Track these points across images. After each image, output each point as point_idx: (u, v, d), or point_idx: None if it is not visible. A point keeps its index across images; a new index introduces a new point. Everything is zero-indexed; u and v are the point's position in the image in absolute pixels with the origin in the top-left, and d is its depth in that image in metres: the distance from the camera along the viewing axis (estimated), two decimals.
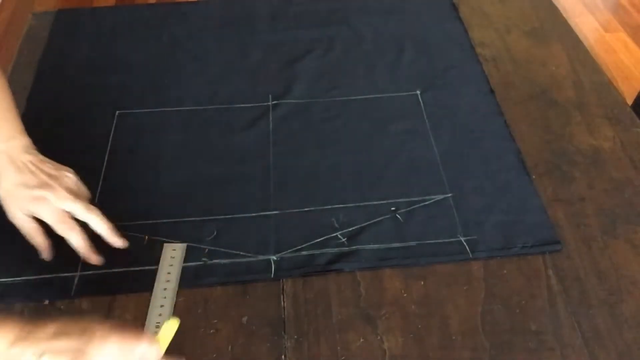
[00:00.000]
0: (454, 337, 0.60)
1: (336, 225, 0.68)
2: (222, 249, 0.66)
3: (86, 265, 0.63)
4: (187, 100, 0.84)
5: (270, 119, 0.81)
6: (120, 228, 0.66)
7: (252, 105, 0.83)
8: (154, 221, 0.68)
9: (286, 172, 0.74)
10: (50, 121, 0.80)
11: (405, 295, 0.63)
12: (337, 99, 0.84)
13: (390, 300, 0.62)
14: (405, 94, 0.85)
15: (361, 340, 0.59)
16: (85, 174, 0.72)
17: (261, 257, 0.65)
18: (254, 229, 0.68)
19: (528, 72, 0.89)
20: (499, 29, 0.97)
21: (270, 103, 0.83)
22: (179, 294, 0.63)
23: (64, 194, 0.62)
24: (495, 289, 0.64)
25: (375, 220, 0.69)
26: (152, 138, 0.78)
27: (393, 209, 0.70)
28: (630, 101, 0.94)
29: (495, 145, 0.78)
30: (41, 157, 0.65)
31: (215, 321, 0.60)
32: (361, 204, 0.71)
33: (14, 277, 0.63)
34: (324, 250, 0.66)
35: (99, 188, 0.72)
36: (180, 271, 0.63)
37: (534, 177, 0.74)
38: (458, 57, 0.92)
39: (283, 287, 0.64)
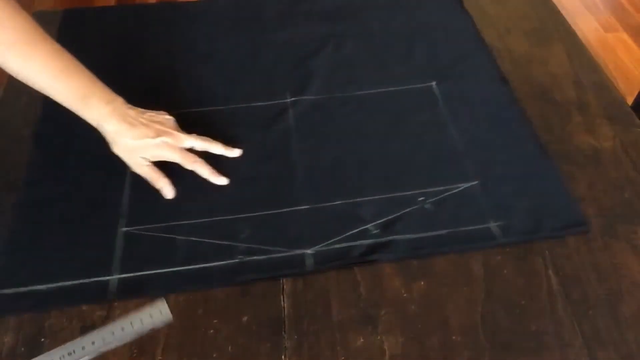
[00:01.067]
0: (454, 337, 0.60)
1: (367, 217, 0.69)
2: (257, 246, 0.66)
3: (123, 268, 0.64)
4: (205, 101, 0.83)
5: (290, 116, 0.81)
6: (152, 230, 0.67)
7: (270, 103, 0.83)
8: (186, 222, 0.68)
9: (312, 167, 0.75)
10: (65, 127, 0.78)
11: (405, 295, 0.63)
12: (354, 93, 0.85)
13: (390, 300, 0.62)
14: (420, 85, 0.86)
15: (361, 340, 0.59)
16: (109, 179, 0.72)
17: (297, 252, 0.66)
18: (286, 224, 0.68)
19: (528, 72, 0.89)
20: (499, 29, 0.97)
21: (288, 100, 0.83)
22: (179, 293, 0.63)
23: (178, 134, 0.71)
24: (495, 289, 0.64)
25: (405, 210, 0.70)
26: None
27: (421, 199, 0.71)
28: (630, 101, 0.94)
29: (514, 131, 0.79)
30: (140, 109, 0.72)
31: (215, 321, 0.60)
32: (389, 195, 0.71)
33: (49, 284, 0.62)
34: (358, 243, 0.67)
35: (126, 192, 0.71)
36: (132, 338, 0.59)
37: None
38: (467, 48, 0.93)
39: (283, 287, 0.64)
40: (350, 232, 0.67)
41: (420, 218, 0.69)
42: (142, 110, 0.71)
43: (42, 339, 0.59)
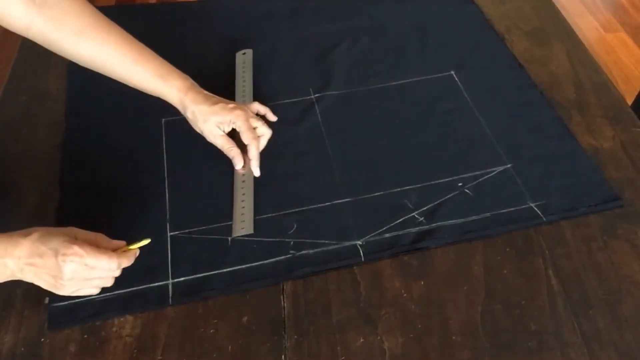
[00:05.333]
0: (454, 337, 0.60)
1: (410, 206, 0.70)
2: (307, 240, 0.67)
3: (177, 272, 0.64)
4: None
5: (317, 111, 0.82)
6: (198, 232, 0.67)
7: (295, 100, 0.84)
8: (231, 222, 0.68)
9: (347, 160, 0.76)
10: (92, 134, 0.78)
11: (405, 295, 0.63)
12: (377, 86, 0.86)
13: (390, 300, 0.62)
14: (440, 75, 0.88)
15: (361, 340, 0.59)
16: (149, 184, 0.72)
17: (347, 243, 0.67)
18: (332, 217, 0.69)
19: (528, 72, 0.89)
20: (499, 29, 0.97)
21: (313, 97, 0.84)
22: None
23: (249, 110, 0.75)
24: (495, 289, 0.64)
25: (446, 197, 0.71)
26: (204, 142, 0.76)
27: (460, 184, 0.72)
28: (630, 101, 0.94)
29: (537, 114, 0.82)
30: None
31: (215, 321, 0.60)
32: (428, 183, 0.73)
33: (105, 293, 0.61)
34: (406, 231, 0.68)
35: (167, 194, 0.71)
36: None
37: None
38: (480, 36, 0.95)
39: (283, 287, 0.64)
40: (397, 222, 0.69)
41: (463, 203, 0.71)
42: None
43: (42, 339, 0.59)
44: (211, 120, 0.72)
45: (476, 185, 0.72)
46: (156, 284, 0.63)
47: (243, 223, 0.67)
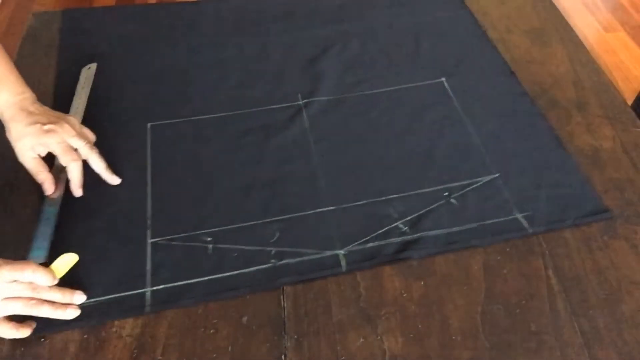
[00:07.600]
0: (454, 337, 0.60)
1: (394, 215, 0.69)
2: (289, 249, 0.66)
3: (156, 279, 0.63)
4: (217, 106, 0.82)
5: (305, 117, 0.81)
6: (180, 240, 0.67)
7: (283, 105, 0.83)
8: (213, 229, 0.68)
9: (332, 167, 0.75)
10: None
11: (405, 295, 0.63)
12: (366, 92, 0.85)
13: (390, 300, 0.62)
14: (431, 82, 0.87)
15: (361, 340, 0.59)
16: (131, 191, 0.71)
17: (329, 253, 0.66)
18: (314, 226, 0.68)
19: (528, 72, 0.89)
20: (499, 29, 0.97)
21: (301, 102, 0.83)
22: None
23: (71, 130, 0.69)
24: (495, 289, 0.64)
25: (431, 207, 0.70)
26: (190, 147, 0.76)
27: (446, 194, 0.72)
28: (630, 101, 0.94)
29: (528, 123, 0.81)
30: (47, 107, 0.72)
31: (215, 321, 0.60)
32: (413, 192, 0.72)
33: (89, 300, 0.61)
34: (389, 241, 0.67)
35: (148, 202, 0.70)
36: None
37: None
38: (472, 43, 0.94)
39: (283, 287, 0.63)
40: (380, 231, 0.68)
41: (448, 213, 0.70)
42: (50, 109, 0.72)
43: (42, 339, 0.59)
44: (23, 142, 0.68)
45: (462, 195, 0.71)
46: (135, 291, 0.62)
47: (39, 250, 0.64)
